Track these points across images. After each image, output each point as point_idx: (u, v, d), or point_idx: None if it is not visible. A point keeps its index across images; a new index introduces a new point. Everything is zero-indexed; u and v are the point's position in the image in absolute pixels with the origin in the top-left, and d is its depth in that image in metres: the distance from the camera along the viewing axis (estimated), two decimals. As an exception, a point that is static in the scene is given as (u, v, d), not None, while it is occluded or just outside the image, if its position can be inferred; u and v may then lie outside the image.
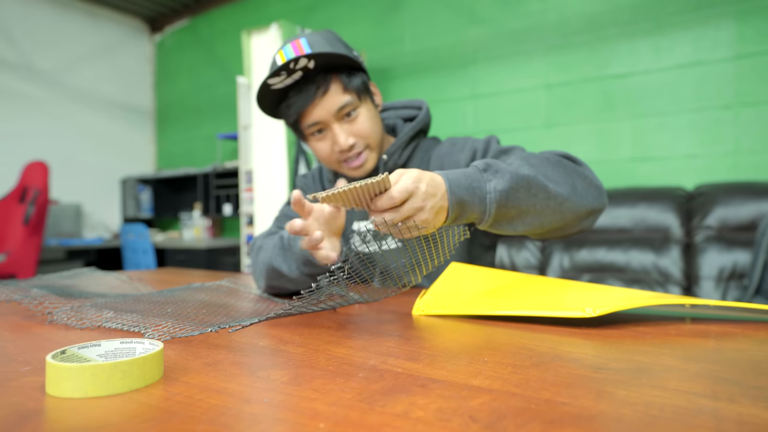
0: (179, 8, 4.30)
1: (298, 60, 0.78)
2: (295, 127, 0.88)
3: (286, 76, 0.80)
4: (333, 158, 0.88)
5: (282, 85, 0.82)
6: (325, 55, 0.79)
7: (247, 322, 0.55)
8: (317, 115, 0.84)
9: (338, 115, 0.84)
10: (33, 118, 3.81)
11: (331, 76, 0.83)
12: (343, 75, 0.84)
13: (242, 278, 1.07)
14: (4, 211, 2.91)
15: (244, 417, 0.30)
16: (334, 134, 0.85)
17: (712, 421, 0.28)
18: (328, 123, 0.85)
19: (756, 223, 1.79)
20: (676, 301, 0.57)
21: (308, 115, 0.84)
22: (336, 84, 0.83)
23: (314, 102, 0.82)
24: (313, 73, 0.82)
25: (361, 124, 0.86)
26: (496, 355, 0.43)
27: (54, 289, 0.78)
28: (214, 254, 3.44)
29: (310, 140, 0.89)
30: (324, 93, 0.82)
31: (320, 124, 0.85)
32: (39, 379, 0.38)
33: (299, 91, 0.83)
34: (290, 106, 0.84)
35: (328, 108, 0.83)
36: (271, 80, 0.80)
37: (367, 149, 0.88)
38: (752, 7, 2.09)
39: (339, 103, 0.83)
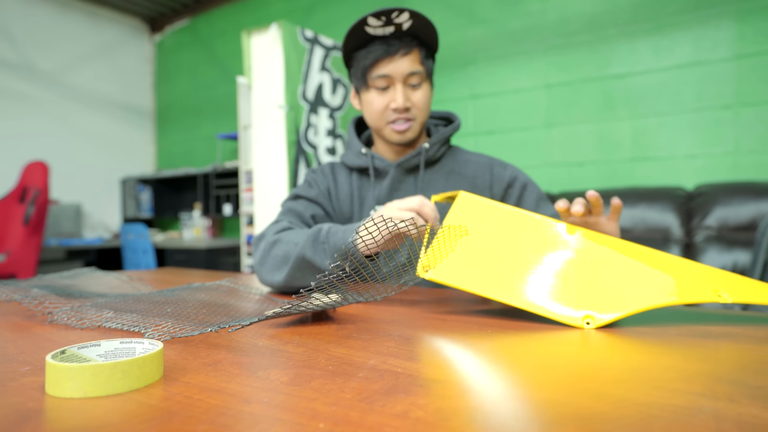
0: (179, 8, 4.30)
1: (402, 12, 0.86)
2: (363, 74, 0.94)
3: (383, 24, 0.88)
4: (384, 116, 0.95)
5: (373, 32, 0.90)
6: (423, 20, 0.89)
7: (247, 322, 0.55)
8: (390, 69, 0.91)
9: (407, 78, 0.92)
10: (33, 118, 3.81)
11: (415, 44, 0.92)
12: (424, 50, 0.94)
13: (242, 278, 1.07)
14: (4, 211, 2.91)
15: (244, 417, 0.30)
16: (396, 92, 0.92)
17: (712, 421, 0.28)
18: (394, 80, 0.92)
19: (756, 223, 1.79)
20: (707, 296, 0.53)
21: (383, 66, 0.92)
22: (416, 53, 0.92)
23: (394, 57, 0.91)
24: (403, 34, 0.91)
25: (421, 96, 0.94)
26: (496, 355, 0.43)
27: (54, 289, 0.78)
28: (214, 254, 3.44)
29: (371, 91, 0.95)
30: (405, 54, 0.91)
31: (387, 79, 0.92)
32: (39, 379, 0.38)
33: (386, 43, 0.91)
34: (372, 52, 0.92)
35: (403, 68, 0.91)
36: (371, 20, 0.87)
37: (415, 121, 0.95)
38: (752, 7, 2.09)
39: (413, 68, 0.92)
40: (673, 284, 0.54)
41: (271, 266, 0.85)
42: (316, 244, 0.79)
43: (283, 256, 0.83)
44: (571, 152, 2.51)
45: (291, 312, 0.56)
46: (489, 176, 1.00)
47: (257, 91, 2.60)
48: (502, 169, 1.01)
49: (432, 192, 0.98)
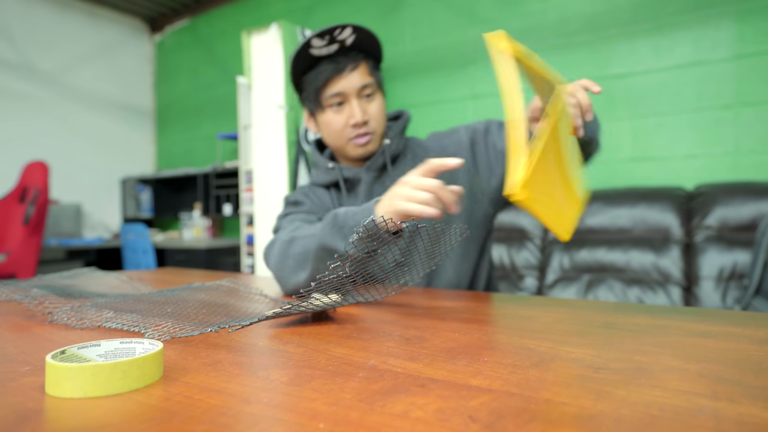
0: (179, 8, 4.30)
1: (344, 28, 0.88)
2: (316, 95, 0.94)
3: (327, 43, 0.90)
4: (344, 133, 0.94)
5: (318, 52, 0.91)
6: (366, 32, 0.91)
7: (247, 322, 0.55)
8: (342, 86, 0.92)
9: (360, 92, 0.94)
10: (33, 118, 3.81)
11: (361, 57, 0.94)
12: (371, 62, 0.96)
13: (242, 278, 1.07)
14: (4, 211, 2.91)
15: (244, 417, 0.30)
16: (352, 107, 0.93)
17: (712, 421, 0.28)
18: (348, 96, 0.93)
19: (756, 223, 1.79)
20: None
21: (334, 85, 0.92)
22: (364, 66, 0.94)
23: (343, 73, 0.92)
24: (348, 50, 0.92)
25: (375, 107, 0.96)
26: (496, 355, 0.43)
27: (54, 289, 0.78)
28: (214, 254, 3.44)
29: (326, 112, 0.95)
30: (353, 69, 0.92)
31: (341, 96, 0.93)
32: (39, 379, 0.38)
33: (333, 61, 0.92)
34: (321, 72, 0.92)
35: (354, 83, 0.92)
36: (314, 41, 0.88)
37: (374, 133, 0.96)
38: (752, 7, 2.09)
39: (363, 81, 0.93)
40: None
41: (293, 267, 0.81)
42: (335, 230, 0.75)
43: (302, 253, 0.80)
44: (571, 152, 2.50)
45: (291, 312, 0.56)
46: (452, 148, 1.00)
47: (257, 91, 2.60)
48: (456, 134, 1.01)
49: None
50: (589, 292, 1.94)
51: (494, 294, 0.80)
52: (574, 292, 1.96)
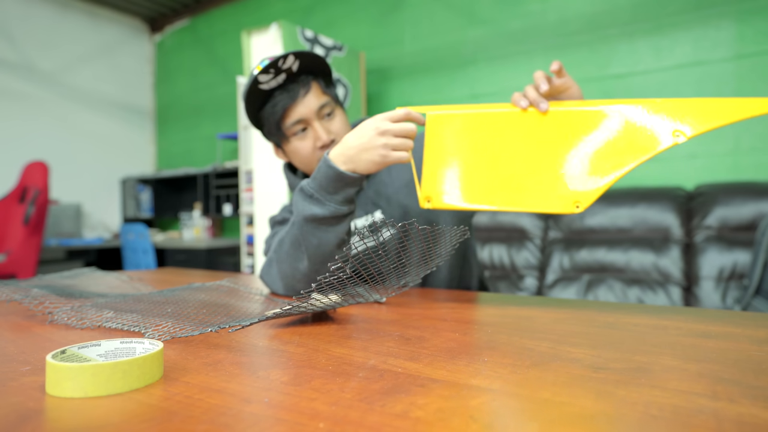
0: (179, 8, 4.30)
1: (286, 58, 0.86)
2: (277, 127, 0.93)
3: (274, 75, 0.88)
4: (314, 156, 0.93)
5: (268, 86, 0.90)
6: (308, 55, 0.89)
7: (247, 322, 0.55)
8: (301, 112, 0.91)
9: (319, 113, 0.92)
10: (33, 118, 3.81)
11: (311, 79, 0.92)
12: (322, 81, 0.94)
13: (242, 278, 1.07)
14: (4, 211, 2.91)
15: (244, 417, 0.30)
16: (315, 130, 0.92)
17: (712, 421, 0.28)
18: (310, 121, 0.92)
19: (756, 223, 1.79)
20: None
21: (293, 113, 0.91)
22: (316, 86, 0.93)
23: (298, 100, 0.90)
24: (296, 76, 0.91)
25: (338, 124, 0.94)
26: (496, 355, 0.43)
27: (54, 289, 0.78)
28: (214, 254, 3.44)
29: (291, 141, 0.94)
30: (306, 92, 0.91)
31: (303, 123, 0.92)
32: (39, 378, 0.38)
33: (285, 90, 0.90)
34: (276, 104, 0.91)
35: (311, 106, 0.91)
36: (261, 77, 0.87)
37: None
38: (752, 7, 2.09)
39: (320, 101, 0.92)
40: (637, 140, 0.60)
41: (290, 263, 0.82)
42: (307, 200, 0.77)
43: (291, 244, 0.81)
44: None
45: (291, 312, 0.56)
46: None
47: (257, 91, 2.60)
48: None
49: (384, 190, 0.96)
50: (589, 292, 1.94)
51: (494, 294, 0.80)
52: (574, 292, 1.96)
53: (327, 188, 0.75)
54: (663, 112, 0.59)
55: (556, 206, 0.61)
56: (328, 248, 0.78)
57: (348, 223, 0.78)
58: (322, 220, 0.76)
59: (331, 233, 0.77)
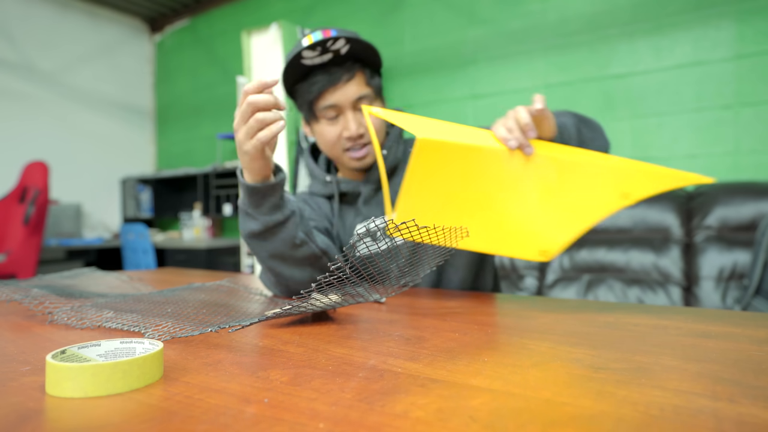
0: (179, 8, 4.30)
1: (336, 39, 0.82)
2: (309, 107, 0.90)
3: (320, 53, 0.84)
4: (339, 145, 0.90)
5: (311, 62, 0.85)
6: (361, 43, 0.84)
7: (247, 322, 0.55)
8: (337, 98, 0.87)
9: (355, 104, 0.88)
10: (33, 118, 3.81)
11: (357, 67, 0.88)
12: (368, 70, 0.90)
13: (242, 278, 1.07)
14: (4, 211, 2.91)
15: (244, 417, 0.30)
16: (347, 120, 0.88)
17: (712, 421, 0.28)
18: (343, 109, 0.88)
19: (756, 223, 1.79)
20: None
21: (328, 97, 0.87)
22: (360, 75, 0.88)
23: (338, 85, 0.86)
24: (342, 59, 0.86)
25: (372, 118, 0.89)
26: (496, 355, 0.43)
27: (54, 289, 0.78)
28: (214, 254, 3.44)
29: (321, 122, 0.91)
30: (349, 80, 0.87)
31: (336, 109, 0.88)
32: (39, 379, 0.38)
33: (327, 72, 0.86)
34: (314, 84, 0.87)
35: (349, 94, 0.87)
36: (306, 52, 0.83)
37: (371, 145, 0.91)
38: (752, 7, 2.09)
39: (359, 92, 0.88)
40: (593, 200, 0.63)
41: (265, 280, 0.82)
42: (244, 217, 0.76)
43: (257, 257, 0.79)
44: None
45: (291, 312, 0.56)
46: None
47: (257, 91, 2.60)
48: None
49: None
50: (589, 292, 1.94)
51: (494, 294, 0.80)
52: (574, 292, 1.96)
53: (251, 203, 0.73)
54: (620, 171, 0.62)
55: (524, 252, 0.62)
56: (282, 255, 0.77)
57: (289, 226, 0.75)
58: (260, 234, 0.75)
59: (276, 242, 0.76)
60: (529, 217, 0.62)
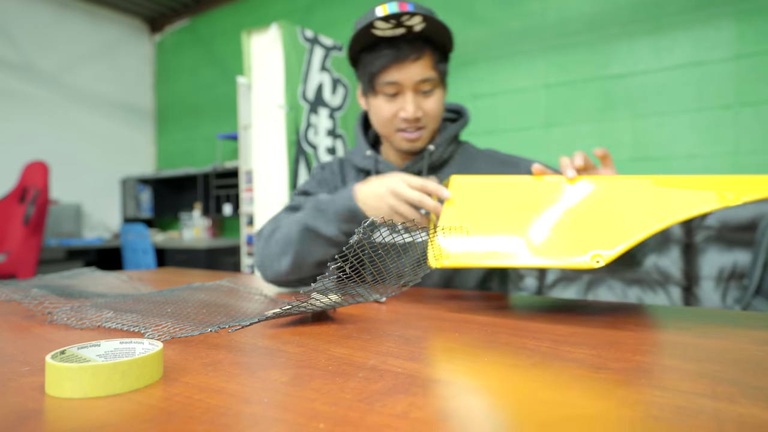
0: (179, 8, 4.30)
1: (413, 15, 0.79)
2: (370, 79, 0.88)
3: (393, 26, 0.81)
4: (392, 123, 0.89)
5: (382, 33, 0.82)
6: (437, 22, 0.81)
7: (247, 322, 0.55)
8: (400, 76, 0.84)
9: (418, 86, 0.85)
10: (33, 118, 3.81)
11: (428, 48, 0.84)
12: (437, 53, 0.86)
13: (242, 278, 1.07)
14: (4, 211, 2.91)
15: (244, 417, 0.30)
16: (406, 101, 0.86)
17: (713, 421, 0.28)
18: (404, 88, 0.85)
19: (756, 223, 1.79)
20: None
21: (391, 73, 0.84)
22: (428, 57, 0.85)
23: (404, 63, 0.83)
24: (414, 36, 0.83)
25: (432, 103, 0.88)
26: (496, 355, 0.43)
27: (54, 289, 0.78)
28: (214, 254, 3.44)
29: (378, 97, 0.89)
30: (416, 59, 0.83)
31: (396, 86, 0.85)
32: (38, 379, 0.37)
33: (395, 47, 0.83)
34: (380, 57, 0.84)
35: (413, 75, 0.84)
36: (378, 23, 0.80)
37: (426, 129, 0.90)
38: (752, 7, 2.09)
39: (424, 75, 0.84)
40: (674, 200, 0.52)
41: (275, 253, 0.83)
42: (318, 213, 0.79)
43: (285, 238, 0.81)
44: (571, 152, 2.50)
45: (291, 312, 0.56)
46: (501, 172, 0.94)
47: (257, 91, 2.60)
48: (514, 168, 0.95)
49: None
50: (589, 292, 1.93)
51: (494, 294, 0.80)
52: (574, 292, 1.96)
53: (338, 214, 0.77)
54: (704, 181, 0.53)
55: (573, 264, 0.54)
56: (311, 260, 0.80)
57: (339, 249, 0.79)
58: (320, 236, 0.78)
59: (320, 250, 0.79)
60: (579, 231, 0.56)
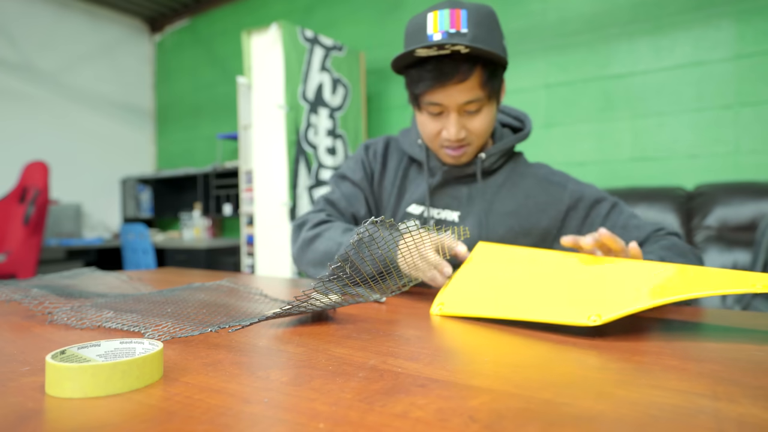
0: (179, 8, 4.30)
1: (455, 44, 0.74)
2: (414, 97, 0.85)
3: (437, 49, 0.77)
4: (436, 140, 0.87)
5: (425, 53, 0.78)
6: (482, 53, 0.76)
7: (247, 322, 0.55)
8: (443, 99, 0.81)
9: (462, 107, 0.82)
10: (33, 118, 3.81)
11: (476, 68, 0.79)
12: (487, 70, 0.80)
13: (242, 278, 1.07)
14: (4, 211, 2.91)
15: (244, 417, 0.30)
16: (449, 122, 0.83)
17: (713, 421, 0.28)
18: (448, 109, 0.82)
19: (756, 223, 1.79)
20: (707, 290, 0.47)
21: (435, 95, 0.81)
22: (476, 77, 0.79)
23: (447, 86, 0.79)
24: (461, 57, 0.78)
25: (479, 123, 0.84)
26: (497, 355, 0.43)
27: (54, 289, 0.78)
28: (214, 254, 3.44)
29: (423, 113, 0.86)
30: (460, 81, 0.79)
31: (440, 107, 0.82)
32: (39, 379, 0.37)
33: (439, 69, 0.78)
34: (423, 79, 0.80)
35: (457, 98, 0.80)
36: (420, 51, 0.77)
37: (471, 146, 0.87)
38: (752, 7, 2.09)
39: (470, 97, 0.80)
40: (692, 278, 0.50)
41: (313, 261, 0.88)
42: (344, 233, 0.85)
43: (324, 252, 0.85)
44: (571, 152, 2.51)
45: (291, 312, 0.56)
46: (544, 197, 0.92)
47: (257, 91, 2.60)
48: (561, 189, 0.92)
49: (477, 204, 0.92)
50: (589, 292, 1.93)
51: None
52: (574, 292, 1.96)
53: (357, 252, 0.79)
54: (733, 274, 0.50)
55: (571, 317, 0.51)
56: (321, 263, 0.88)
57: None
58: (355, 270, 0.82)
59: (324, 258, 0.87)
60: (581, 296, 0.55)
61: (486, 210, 0.91)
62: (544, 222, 0.91)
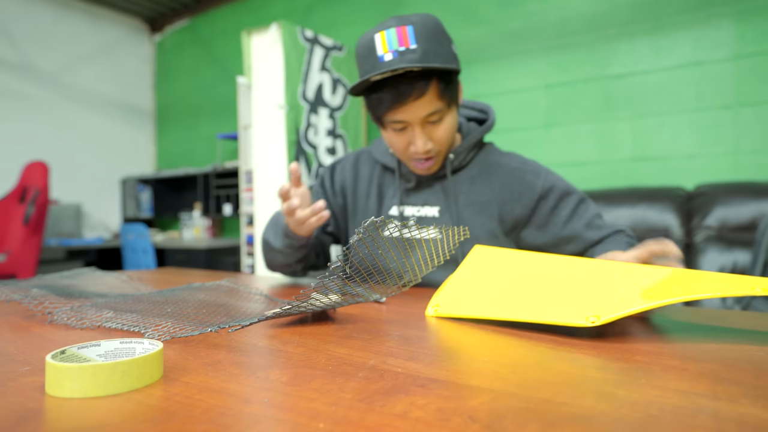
0: (179, 8, 4.30)
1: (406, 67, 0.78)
2: (377, 118, 0.88)
3: (391, 72, 0.79)
4: (405, 154, 0.90)
5: (382, 77, 0.81)
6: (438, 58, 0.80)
7: (247, 322, 0.55)
8: (404, 116, 0.83)
9: (425, 119, 0.84)
10: (33, 118, 3.81)
11: (431, 82, 0.81)
12: (442, 82, 0.82)
13: (242, 278, 1.07)
14: (4, 211, 2.91)
15: (244, 417, 0.30)
16: (414, 136, 0.85)
17: (713, 421, 0.28)
18: (412, 124, 0.85)
19: (756, 223, 1.79)
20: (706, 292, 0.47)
21: (396, 113, 0.83)
22: (433, 90, 0.81)
23: (406, 104, 0.81)
24: (414, 74, 0.80)
25: (442, 131, 0.86)
26: (496, 355, 0.43)
27: (54, 289, 0.78)
28: (214, 254, 3.44)
29: (388, 131, 0.88)
30: (418, 97, 0.80)
31: (403, 123, 0.85)
32: (39, 379, 0.37)
33: (396, 89, 0.80)
34: (382, 101, 0.82)
35: (418, 113, 0.82)
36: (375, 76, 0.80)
37: (438, 155, 0.91)
38: (752, 7, 2.09)
39: (430, 109, 0.82)
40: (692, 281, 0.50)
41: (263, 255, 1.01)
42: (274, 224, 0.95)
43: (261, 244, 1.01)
44: (571, 152, 2.51)
45: (291, 312, 0.56)
46: (518, 185, 0.94)
47: (257, 91, 2.60)
48: (534, 176, 0.94)
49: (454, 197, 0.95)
50: (589, 292, 1.93)
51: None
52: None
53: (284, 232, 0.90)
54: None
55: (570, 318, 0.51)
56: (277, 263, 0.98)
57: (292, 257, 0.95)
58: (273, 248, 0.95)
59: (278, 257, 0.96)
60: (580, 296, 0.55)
61: (464, 202, 0.94)
62: (517, 210, 0.94)
